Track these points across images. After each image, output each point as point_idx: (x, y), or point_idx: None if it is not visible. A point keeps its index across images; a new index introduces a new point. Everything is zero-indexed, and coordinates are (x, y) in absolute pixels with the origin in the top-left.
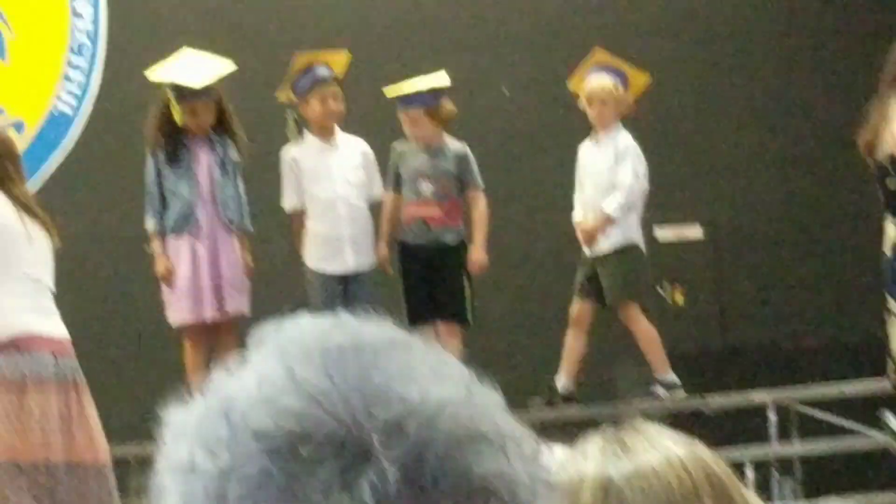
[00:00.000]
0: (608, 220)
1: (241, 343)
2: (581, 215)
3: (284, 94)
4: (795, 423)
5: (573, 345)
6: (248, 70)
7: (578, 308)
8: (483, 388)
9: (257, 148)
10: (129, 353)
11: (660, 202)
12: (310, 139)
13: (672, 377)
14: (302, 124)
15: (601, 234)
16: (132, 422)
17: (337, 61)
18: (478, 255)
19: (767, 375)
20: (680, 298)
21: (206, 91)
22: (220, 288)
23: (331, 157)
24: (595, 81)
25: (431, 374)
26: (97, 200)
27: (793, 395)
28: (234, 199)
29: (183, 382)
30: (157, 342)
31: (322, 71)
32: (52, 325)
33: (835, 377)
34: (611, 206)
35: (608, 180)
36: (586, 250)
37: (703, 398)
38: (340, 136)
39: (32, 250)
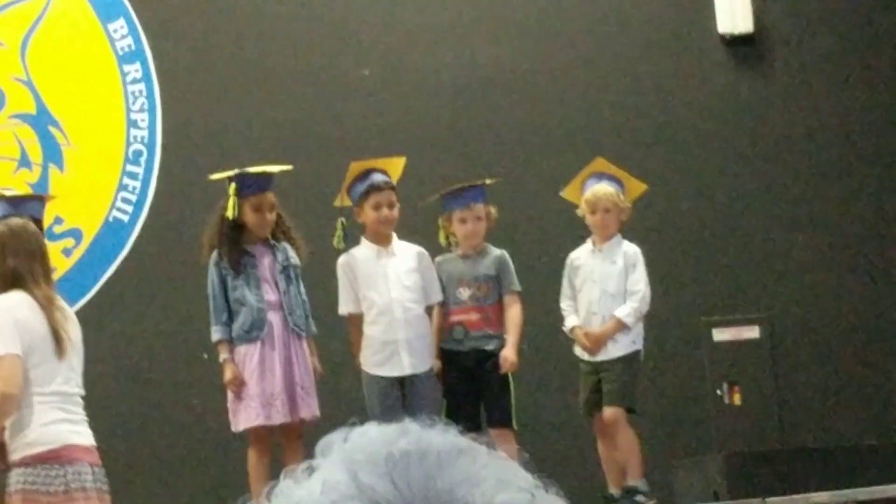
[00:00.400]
0: (621, 327)
1: (307, 450)
2: (581, 321)
3: (340, 201)
4: None
5: (608, 455)
6: (303, 176)
7: (597, 421)
8: (548, 494)
9: (315, 254)
10: (187, 459)
11: (716, 302)
12: (365, 244)
13: (645, 485)
14: (357, 231)
15: (610, 341)
16: None
17: (393, 167)
18: (509, 354)
19: (827, 476)
20: (737, 399)
21: (267, 185)
22: (294, 393)
23: (386, 261)
24: (600, 189)
25: (495, 480)
26: (153, 307)
27: (853, 496)
28: (299, 304)
29: (245, 490)
30: (216, 449)
31: (377, 177)
32: (86, 435)
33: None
34: (625, 312)
35: (617, 287)
36: (586, 356)
37: (763, 500)
38: (396, 241)
39: (65, 363)
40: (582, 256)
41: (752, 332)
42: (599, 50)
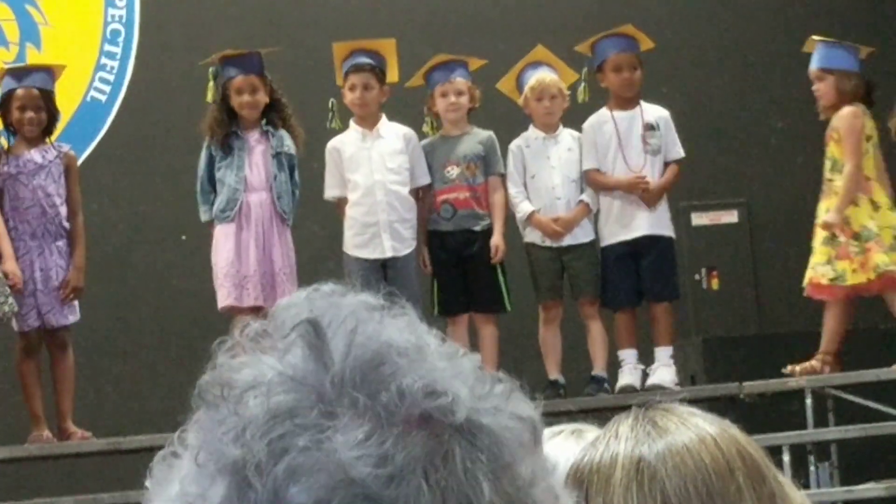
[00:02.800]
0: (588, 212)
1: None
2: (540, 207)
3: (341, 81)
4: (832, 409)
5: (555, 342)
6: (284, 61)
7: (554, 308)
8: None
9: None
10: (166, 341)
11: (694, 187)
12: (352, 128)
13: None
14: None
15: (577, 227)
16: (173, 410)
17: (383, 48)
18: (498, 242)
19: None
20: (715, 284)
21: (247, 67)
22: (273, 277)
23: (372, 143)
24: (546, 76)
25: (453, 372)
26: (131, 186)
27: (829, 380)
28: (288, 191)
29: None
30: (197, 330)
31: (356, 58)
32: None
33: (872, 363)
34: (591, 196)
35: (577, 173)
36: (547, 242)
37: (741, 384)
38: (385, 123)
39: None
40: (532, 144)
41: (731, 217)
42: None
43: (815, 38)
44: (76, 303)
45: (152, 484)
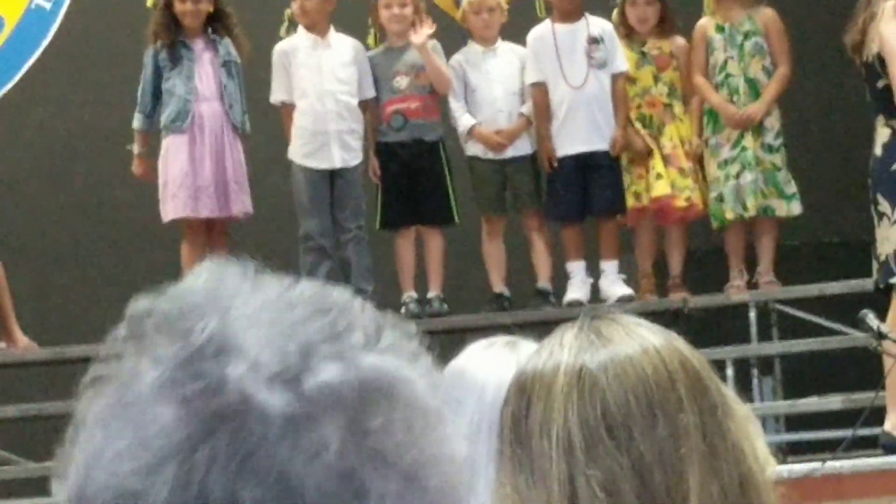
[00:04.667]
0: (529, 125)
1: (232, 243)
2: (481, 119)
3: None
4: (776, 323)
5: (499, 255)
6: None
7: (497, 221)
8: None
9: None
10: (110, 252)
11: None
12: (302, 33)
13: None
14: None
15: (518, 139)
16: (116, 321)
17: None
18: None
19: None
20: None
21: None
22: (226, 187)
23: (322, 53)
24: None
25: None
26: (76, 95)
27: (774, 294)
28: (238, 99)
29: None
30: (142, 242)
31: None
32: None
33: (817, 277)
34: (530, 110)
35: (518, 86)
36: (490, 154)
37: (685, 299)
38: (333, 34)
39: None
40: (472, 58)
41: None
42: None
43: None
44: None
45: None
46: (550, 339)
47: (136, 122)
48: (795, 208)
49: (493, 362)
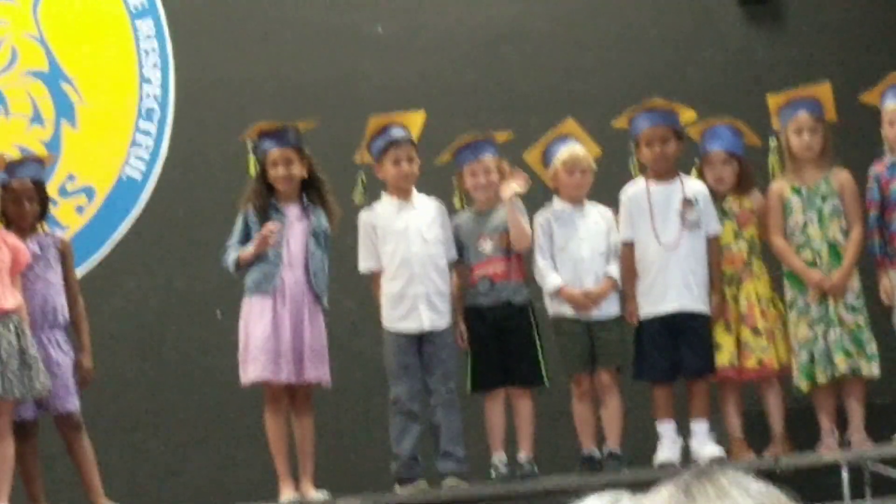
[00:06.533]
0: (616, 286)
1: (317, 416)
2: (567, 280)
3: (360, 157)
4: (869, 483)
5: (589, 416)
6: (315, 134)
7: (587, 382)
8: None
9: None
10: (201, 420)
11: None
12: (385, 200)
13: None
14: (379, 187)
15: (605, 300)
16: (211, 476)
17: (412, 122)
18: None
19: (840, 434)
20: None
21: (281, 139)
22: (302, 354)
23: (407, 215)
24: (579, 149)
25: None
26: (166, 265)
27: (867, 453)
28: (322, 269)
29: (263, 449)
30: (231, 409)
31: (396, 132)
32: None
33: None
34: (617, 272)
35: (605, 246)
36: (577, 315)
37: (775, 458)
38: (417, 196)
39: None
40: (560, 216)
41: None
42: (614, 9)
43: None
44: (76, 387)
45: None
46: (648, 495)
47: (230, 258)
48: (875, 369)
49: None
